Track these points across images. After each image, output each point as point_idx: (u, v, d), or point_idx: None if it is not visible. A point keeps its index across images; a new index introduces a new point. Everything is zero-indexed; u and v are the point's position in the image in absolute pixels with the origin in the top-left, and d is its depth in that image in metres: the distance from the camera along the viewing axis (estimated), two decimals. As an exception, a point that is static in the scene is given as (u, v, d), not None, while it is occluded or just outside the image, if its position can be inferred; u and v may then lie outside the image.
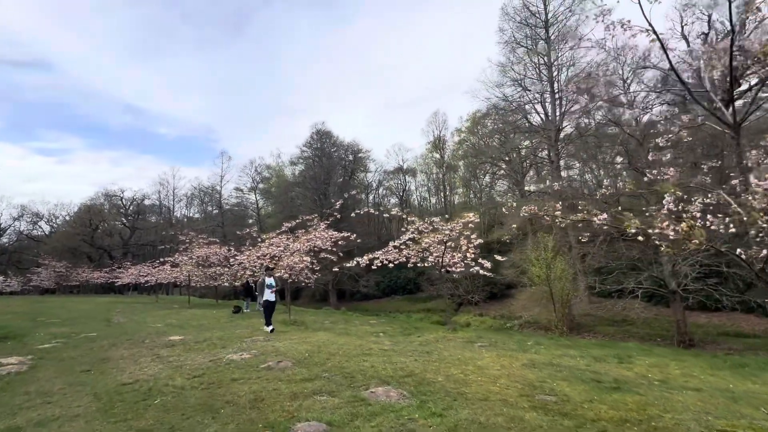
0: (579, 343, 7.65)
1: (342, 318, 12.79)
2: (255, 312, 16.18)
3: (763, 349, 16.91)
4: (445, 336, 8.34)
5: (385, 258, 9.77)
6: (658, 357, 6.30)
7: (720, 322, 21.11)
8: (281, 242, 12.58)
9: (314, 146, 43.22)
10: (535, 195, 27.69)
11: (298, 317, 12.84)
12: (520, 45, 25.16)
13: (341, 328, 10.32)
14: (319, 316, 13.84)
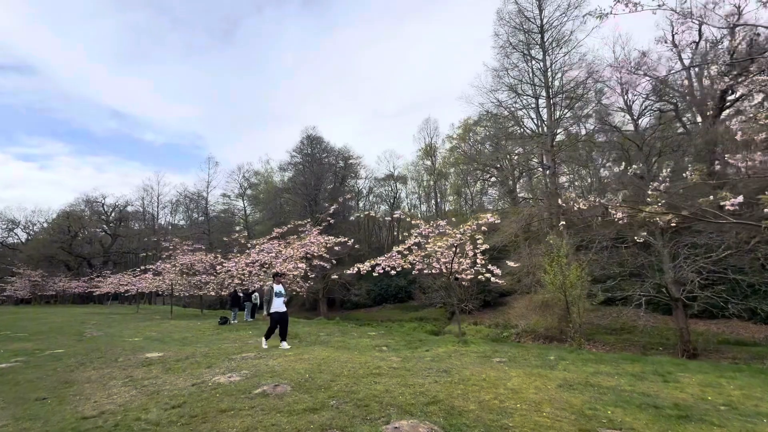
0: (604, 357, 6.95)
1: (337, 329, 11.91)
2: (243, 323, 15.16)
3: (767, 357, 16.59)
4: (456, 349, 7.57)
5: (387, 264, 9.01)
6: (702, 373, 5.64)
7: (718, 329, 20.79)
8: (273, 248, 11.71)
9: (304, 151, 42.41)
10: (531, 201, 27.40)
11: (290, 329, 11.91)
12: (515, 50, 24.97)
13: (338, 341, 9.47)
14: (312, 327, 12.93)
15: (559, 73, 23.66)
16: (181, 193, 55.26)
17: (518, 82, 26.07)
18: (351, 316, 38.81)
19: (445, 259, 8.17)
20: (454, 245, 7.58)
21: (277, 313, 8.51)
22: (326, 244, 11.07)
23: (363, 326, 21.50)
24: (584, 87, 22.95)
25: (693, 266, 15.68)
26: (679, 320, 17.23)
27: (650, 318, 22.85)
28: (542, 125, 27.05)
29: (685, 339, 17.06)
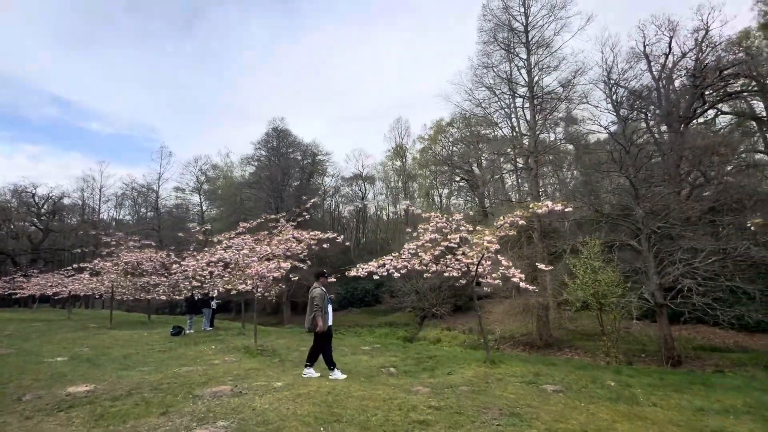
0: (668, 379, 5.71)
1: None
2: (201, 334, 12.85)
3: (748, 364, 16.74)
4: (487, 372, 6.07)
5: (393, 265, 7.39)
6: None
7: (690, 335, 21.02)
8: (244, 244, 9.66)
9: (270, 145, 39.67)
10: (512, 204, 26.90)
11: (264, 342, 9.91)
12: (499, 46, 24.28)
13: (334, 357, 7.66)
14: (289, 338, 10.98)
15: (544, 73, 23.26)
16: (128, 186, 50.04)
17: (500, 81, 25.43)
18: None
19: (470, 260, 6.67)
20: (489, 243, 6.10)
21: (330, 327, 6.47)
22: (311, 240, 9.22)
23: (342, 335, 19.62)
24: (570, 88, 22.65)
25: (678, 271, 15.39)
26: (663, 327, 16.96)
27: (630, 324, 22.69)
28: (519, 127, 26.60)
29: (669, 346, 16.79)
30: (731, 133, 27.63)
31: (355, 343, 10.06)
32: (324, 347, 6.27)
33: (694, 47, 26.99)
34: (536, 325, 22.18)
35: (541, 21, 23.26)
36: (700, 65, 26.51)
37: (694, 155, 20.89)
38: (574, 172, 33.07)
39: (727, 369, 16.25)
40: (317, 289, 6.36)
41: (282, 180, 37.15)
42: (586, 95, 23.09)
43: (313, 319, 6.16)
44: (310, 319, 6.22)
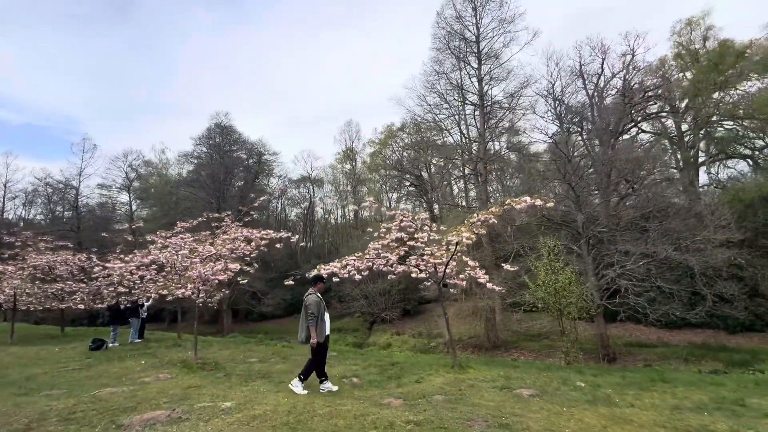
0: (631, 377, 5.75)
1: (270, 351, 9.21)
2: (128, 347, 11.28)
3: (671, 358, 18.32)
4: (458, 378, 5.74)
5: (356, 266, 6.83)
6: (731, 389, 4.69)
7: (620, 333, 22.69)
8: (183, 244, 8.55)
9: (212, 141, 37.13)
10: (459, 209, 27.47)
11: (204, 354, 8.82)
12: (452, 54, 24.79)
13: (282, 369, 6.95)
14: (233, 349, 9.94)
15: (494, 82, 24.14)
16: (40, 181, 44.03)
17: (451, 88, 25.99)
18: (260, 329, 34.62)
19: (438, 260, 6.34)
20: (457, 243, 5.80)
21: (327, 338, 5.80)
22: (262, 240, 8.36)
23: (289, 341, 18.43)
24: (517, 98, 23.68)
25: (615, 273, 16.51)
26: (600, 326, 18.09)
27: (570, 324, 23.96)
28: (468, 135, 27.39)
29: (605, 343, 17.93)
30: (651, 150, 30.67)
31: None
32: (321, 359, 5.69)
33: (621, 69, 29.66)
34: (484, 328, 22.75)
35: (491, 33, 24.20)
36: (627, 86, 29.20)
37: (623, 168, 22.77)
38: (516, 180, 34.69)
39: (655, 363, 17.71)
40: (312, 296, 5.76)
41: (225, 179, 34.89)
42: (532, 106, 24.36)
43: (307, 328, 5.58)
44: (304, 328, 5.64)
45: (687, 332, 21.50)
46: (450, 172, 34.19)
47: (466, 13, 24.57)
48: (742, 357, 16.73)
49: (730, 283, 19.36)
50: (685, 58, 31.00)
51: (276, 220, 49.66)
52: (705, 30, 30.43)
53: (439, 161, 37.00)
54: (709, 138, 31.15)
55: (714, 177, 31.89)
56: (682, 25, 31.21)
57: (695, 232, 16.75)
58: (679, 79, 31.21)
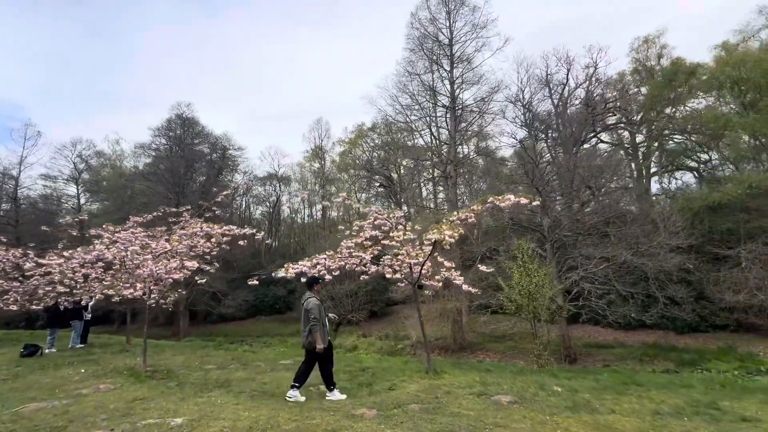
0: (604, 380, 5.70)
1: (230, 357, 8.55)
2: (67, 353, 10.19)
3: (627, 358, 19.10)
4: (433, 385, 5.46)
5: (327, 265, 6.41)
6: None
7: (579, 334, 23.53)
8: (134, 239, 7.74)
9: (173, 133, 35.14)
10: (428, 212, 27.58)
11: (156, 360, 8.04)
12: (425, 55, 24.82)
13: (244, 379, 6.39)
14: (188, 354, 9.17)
15: (466, 85, 24.37)
16: (-27, 169, 39.86)
17: (423, 90, 26.01)
18: (219, 332, 33.09)
19: (414, 260, 6.05)
20: (437, 241, 5.52)
21: (330, 343, 5.63)
22: (224, 236, 7.73)
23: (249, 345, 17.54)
24: (488, 103, 24.02)
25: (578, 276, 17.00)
26: (562, 327, 18.59)
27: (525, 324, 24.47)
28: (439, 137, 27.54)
29: (567, 344, 18.43)
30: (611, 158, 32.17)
31: (273, 356, 8.74)
32: (314, 366, 5.41)
33: (585, 81, 30.91)
34: (451, 329, 22.84)
35: (464, 37, 24.44)
36: (590, 97, 30.47)
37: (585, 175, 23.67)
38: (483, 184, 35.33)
39: (613, 363, 18.42)
40: (312, 299, 5.53)
41: (185, 174, 33.09)
42: (503, 111, 24.82)
43: (309, 334, 5.33)
44: (306, 334, 5.40)
45: (640, 333, 22.60)
46: (420, 174, 34.28)
47: (440, 16, 24.71)
48: (690, 357, 17.74)
49: (679, 286, 20.52)
50: (642, 74, 32.84)
51: (240, 218, 47.90)
52: (660, 48, 32.40)
53: (409, 163, 37.07)
54: (661, 150, 33.15)
55: (666, 187, 33.92)
56: (640, 42, 33.06)
57: (651, 238, 17.56)
58: (635, 93, 33.00)
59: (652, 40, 32.61)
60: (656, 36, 32.65)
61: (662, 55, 32.21)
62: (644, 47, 32.74)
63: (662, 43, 32.55)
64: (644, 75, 32.59)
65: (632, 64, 34.01)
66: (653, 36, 32.75)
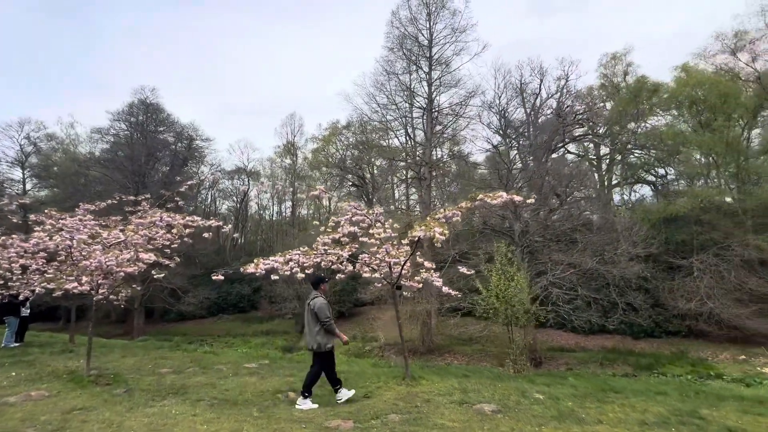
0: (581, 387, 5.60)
1: (188, 359, 7.87)
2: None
3: (589, 362, 19.64)
4: (411, 392, 5.14)
5: (301, 262, 5.95)
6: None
7: (542, 338, 24.03)
8: (82, 227, 6.94)
9: (134, 119, 33.05)
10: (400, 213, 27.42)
11: (102, 363, 7.24)
12: (404, 55, 24.64)
13: (204, 384, 5.82)
14: (141, 356, 8.39)
15: (443, 88, 24.41)
16: None
17: (400, 90, 25.82)
18: (177, 331, 31.38)
19: (393, 259, 5.71)
20: (417, 240, 5.20)
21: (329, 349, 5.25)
22: (186, 227, 7.08)
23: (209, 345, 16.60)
24: (465, 107, 24.17)
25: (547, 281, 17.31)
26: (529, 331, 18.84)
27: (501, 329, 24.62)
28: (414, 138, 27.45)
29: (533, 348, 18.72)
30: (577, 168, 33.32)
31: (236, 359, 8.12)
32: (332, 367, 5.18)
33: (556, 92, 31.85)
34: (420, 332, 22.72)
35: (443, 40, 24.48)
36: (561, 107, 31.41)
37: (554, 182, 24.30)
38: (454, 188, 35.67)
39: (576, 367, 18.89)
40: (319, 299, 5.26)
41: (146, 162, 31.21)
42: (479, 115, 25.06)
43: (318, 334, 5.12)
44: (315, 335, 5.14)
45: (600, 337, 23.41)
46: (393, 175, 34.10)
47: (420, 17, 24.62)
48: (647, 361, 18.49)
49: (638, 293, 21.43)
50: (609, 89, 34.34)
51: (204, 212, 45.89)
52: (626, 66, 34.02)
53: (383, 163, 36.84)
54: (623, 163, 34.77)
55: (626, 198, 35.56)
56: (608, 59, 34.57)
57: (615, 246, 18.18)
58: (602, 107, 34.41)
59: (619, 57, 34.19)
60: (623, 54, 34.26)
61: (628, 72, 33.84)
62: (612, 63, 34.26)
63: (628, 61, 34.20)
64: (611, 90, 34.08)
65: (600, 79, 35.51)
66: (620, 53, 34.34)
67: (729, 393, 5.57)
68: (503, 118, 26.25)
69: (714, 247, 22.93)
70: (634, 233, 18.33)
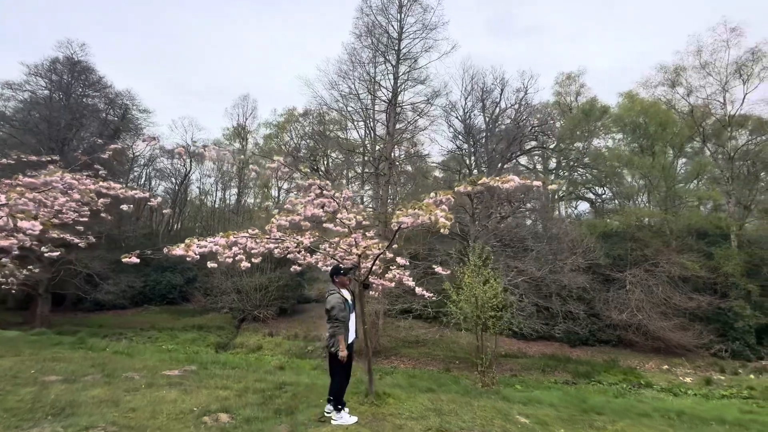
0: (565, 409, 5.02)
1: (88, 362, 6.26)
2: None
3: (532, 368, 19.96)
4: (375, 414, 4.20)
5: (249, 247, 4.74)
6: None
7: (486, 343, 24.29)
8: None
9: (57, 78, 28.75)
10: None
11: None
12: (373, 45, 23.67)
13: (101, 398, 4.42)
14: (24, 354, 6.60)
15: (409, 83, 23.79)
16: None
17: (365, 81, 24.83)
18: (93, 322, 27.61)
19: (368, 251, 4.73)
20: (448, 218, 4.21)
21: (351, 346, 4.57)
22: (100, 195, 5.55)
23: (130, 339, 14.20)
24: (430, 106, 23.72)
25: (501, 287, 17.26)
26: (478, 336, 18.72)
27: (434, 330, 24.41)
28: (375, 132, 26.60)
29: (479, 354, 18.58)
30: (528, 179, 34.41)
31: (155, 361, 6.62)
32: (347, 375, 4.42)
33: (515, 103, 32.68)
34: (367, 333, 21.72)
35: (414, 35, 23.89)
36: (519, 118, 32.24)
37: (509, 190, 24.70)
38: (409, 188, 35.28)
39: (519, 373, 19.10)
40: (335, 295, 4.46)
41: (68, 127, 27.24)
42: (447, 113, 24.78)
43: (331, 337, 4.42)
44: (329, 337, 4.47)
45: (539, 344, 24.10)
46: (350, 168, 32.97)
47: (391, 8, 23.83)
48: (585, 369, 19.13)
49: (578, 303, 22.29)
50: (562, 107, 36.05)
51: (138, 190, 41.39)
52: (579, 86, 35.92)
53: (339, 156, 35.55)
54: (568, 179, 36.65)
55: (570, 213, 37.48)
56: (563, 77, 36.27)
57: (565, 257, 18.63)
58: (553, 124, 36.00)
59: (573, 77, 36.03)
60: (577, 74, 36.12)
61: (580, 93, 35.77)
62: (567, 82, 35.99)
63: (581, 82, 36.12)
64: (563, 108, 35.81)
65: (555, 96, 37.20)
66: (575, 74, 36.16)
67: (710, 415, 5.27)
68: (468, 119, 26.22)
69: (645, 263, 24.53)
70: (583, 245, 18.93)
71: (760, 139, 28.38)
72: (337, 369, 4.31)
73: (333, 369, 4.37)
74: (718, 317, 22.44)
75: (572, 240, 21.81)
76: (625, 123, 29.92)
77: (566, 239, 21.96)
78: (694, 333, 21.17)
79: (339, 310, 4.30)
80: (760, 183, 29.32)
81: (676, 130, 28.13)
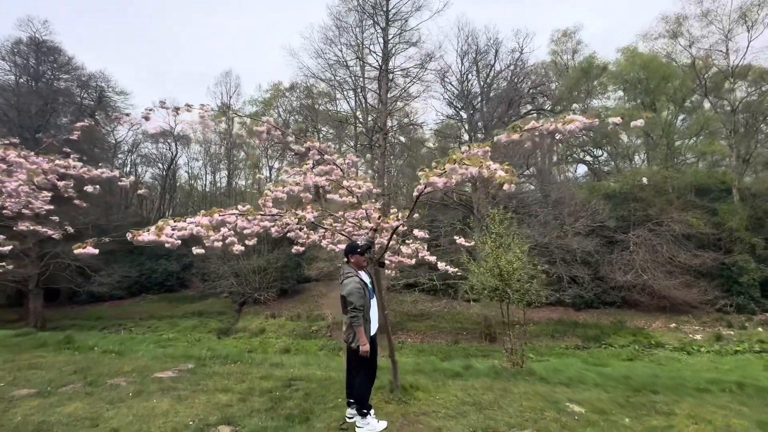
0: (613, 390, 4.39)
1: (70, 367, 5.55)
2: None
3: (541, 335, 19.70)
4: (406, 415, 3.55)
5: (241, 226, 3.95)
6: None
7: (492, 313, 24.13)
8: None
9: (23, 62, 26.79)
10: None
11: None
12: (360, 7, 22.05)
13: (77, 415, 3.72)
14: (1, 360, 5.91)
15: (401, 47, 22.38)
16: None
17: (353, 47, 23.34)
18: (90, 314, 27.00)
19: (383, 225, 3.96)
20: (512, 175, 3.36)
21: (374, 339, 3.73)
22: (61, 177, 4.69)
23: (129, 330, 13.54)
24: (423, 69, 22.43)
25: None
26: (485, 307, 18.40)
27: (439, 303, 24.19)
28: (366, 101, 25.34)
29: (488, 323, 18.32)
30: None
31: (147, 361, 5.92)
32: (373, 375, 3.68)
33: (510, 64, 31.27)
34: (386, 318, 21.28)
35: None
36: (515, 80, 30.95)
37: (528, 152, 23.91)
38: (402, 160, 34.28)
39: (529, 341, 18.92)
40: (352, 279, 3.63)
41: (41, 115, 25.62)
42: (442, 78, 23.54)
43: (348, 329, 3.60)
44: (346, 326, 3.63)
45: (544, 310, 23.89)
46: (342, 143, 31.78)
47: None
48: (593, 332, 18.99)
49: (582, 267, 21.94)
50: (559, 66, 34.64)
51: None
52: (575, 43, 34.40)
53: (329, 130, 34.25)
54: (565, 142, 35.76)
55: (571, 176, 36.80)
56: (559, 35, 34.66)
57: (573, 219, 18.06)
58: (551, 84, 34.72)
59: (569, 34, 34.42)
60: (573, 31, 34.52)
61: (577, 51, 34.31)
62: (563, 39, 34.43)
63: (577, 39, 34.57)
64: (561, 67, 34.42)
65: (551, 56, 35.69)
66: (571, 30, 34.55)
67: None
68: (466, 81, 24.97)
69: (649, 222, 24.12)
70: (591, 207, 18.34)
71: (761, 90, 27.54)
72: (358, 366, 3.54)
73: (353, 366, 3.61)
74: (722, 273, 22.25)
75: (578, 202, 21.24)
76: (626, 79, 28.79)
77: (572, 203, 21.37)
78: (699, 290, 21.00)
79: (358, 297, 3.52)
80: (760, 135, 28.71)
81: (677, 84, 27.12)
